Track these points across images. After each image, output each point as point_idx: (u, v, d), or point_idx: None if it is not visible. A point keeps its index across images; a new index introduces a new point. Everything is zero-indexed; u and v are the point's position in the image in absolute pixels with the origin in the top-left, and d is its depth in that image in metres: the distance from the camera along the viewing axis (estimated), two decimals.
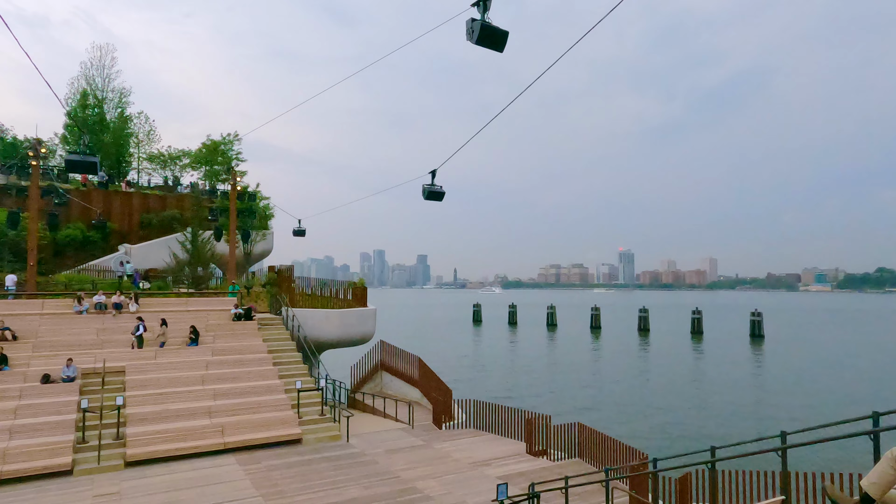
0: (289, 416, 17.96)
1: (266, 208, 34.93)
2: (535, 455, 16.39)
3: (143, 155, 45.25)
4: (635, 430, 27.22)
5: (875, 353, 57.95)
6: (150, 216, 36.11)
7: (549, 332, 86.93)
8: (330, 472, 14.77)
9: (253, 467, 15.15)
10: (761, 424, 27.98)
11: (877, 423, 5.66)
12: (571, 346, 66.31)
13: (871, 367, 47.45)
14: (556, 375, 43.73)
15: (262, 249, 38.27)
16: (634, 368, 47.39)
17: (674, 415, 30.52)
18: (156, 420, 16.61)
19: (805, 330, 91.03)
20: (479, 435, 18.93)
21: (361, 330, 26.47)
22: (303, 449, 16.92)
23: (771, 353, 58.68)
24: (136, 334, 20.05)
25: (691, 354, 58.03)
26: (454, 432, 19.36)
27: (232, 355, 20.61)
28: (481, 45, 5.71)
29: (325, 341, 25.87)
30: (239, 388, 18.81)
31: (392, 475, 14.64)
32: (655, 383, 40.06)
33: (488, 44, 5.71)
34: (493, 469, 15.25)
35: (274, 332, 23.37)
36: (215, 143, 41.06)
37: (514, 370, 46.58)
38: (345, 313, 25.94)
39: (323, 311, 25.72)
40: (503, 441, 18.05)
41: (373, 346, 27.09)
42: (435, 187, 10.76)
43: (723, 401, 33.99)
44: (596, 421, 28.11)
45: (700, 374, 44.22)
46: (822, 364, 49.52)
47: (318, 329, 25.36)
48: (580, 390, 37.44)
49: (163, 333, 20.38)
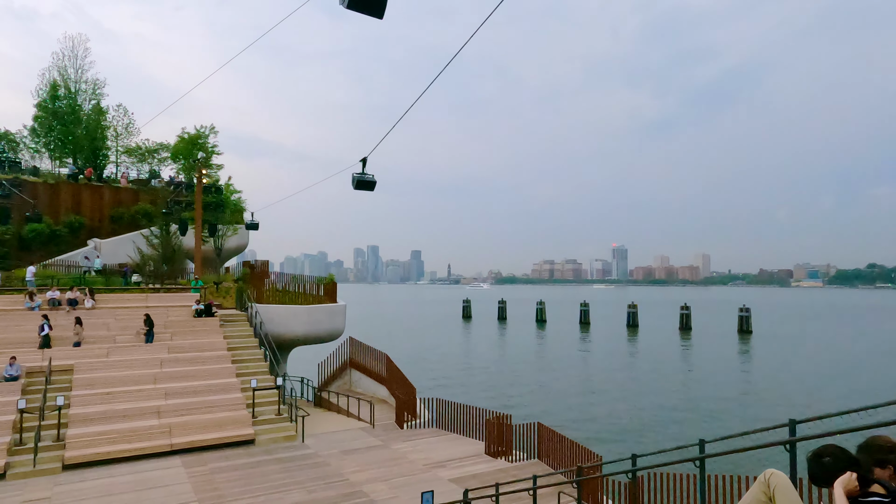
0: (243, 416, 17.36)
1: (238, 202, 34.22)
2: (493, 456, 15.86)
3: (121, 148, 44.49)
4: (603, 429, 26.72)
5: (858, 351, 57.78)
6: (122, 210, 35.33)
7: (539, 328, 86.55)
8: (276, 475, 14.20)
9: (197, 470, 14.55)
10: (717, 425, 27.44)
11: (793, 431, 5.14)
12: (558, 342, 65.90)
13: (850, 365, 47.19)
14: (539, 373, 43.27)
15: (237, 244, 37.57)
16: (616, 366, 46.98)
17: (642, 414, 30.08)
18: (100, 421, 15.96)
19: (793, 326, 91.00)
20: (440, 435, 18.39)
21: (330, 326, 25.85)
22: (255, 450, 16.34)
23: (755, 350, 58.44)
24: (42, 334, 18.82)
25: (676, 351, 57.69)
26: (415, 432, 18.81)
27: (189, 353, 19.96)
28: (354, 10, 5.10)
29: (292, 338, 25.26)
30: (193, 386, 18.19)
31: (341, 478, 14.08)
32: (632, 381, 39.64)
33: (363, 8, 5.12)
34: (447, 471, 14.71)
35: (237, 329, 22.74)
36: (193, 136, 40.26)
37: (497, 367, 46.10)
38: (312, 309, 25.31)
39: (290, 307, 25.08)
40: (465, 441, 17.51)
41: (341, 343, 26.48)
42: (365, 176, 10.14)
43: (697, 398, 33.60)
44: (567, 420, 27.68)
45: (680, 372, 43.85)
46: (806, 361, 49.27)
47: (284, 326, 24.73)
48: (558, 389, 36.98)
49: (77, 333, 19.28)
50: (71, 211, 34.44)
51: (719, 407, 31.05)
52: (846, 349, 58.04)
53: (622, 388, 36.44)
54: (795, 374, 41.84)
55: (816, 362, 47.85)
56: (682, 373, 42.94)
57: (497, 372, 43.31)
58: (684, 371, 43.86)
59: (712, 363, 47.48)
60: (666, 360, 49.20)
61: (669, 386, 37.28)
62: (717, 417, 28.74)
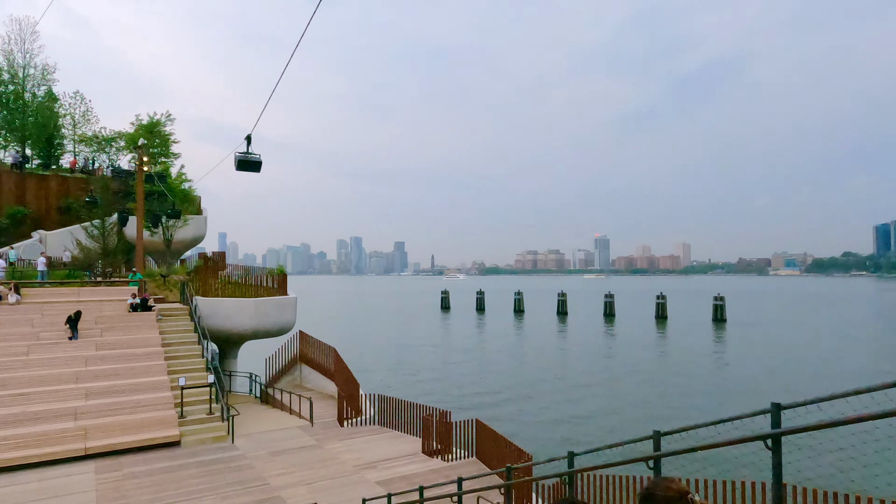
0: (169, 417, 16.39)
1: (189, 192, 32.90)
2: (430, 455, 15.10)
3: (78, 137, 42.87)
4: (550, 424, 26.13)
5: (828, 339, 58.13)
6: (70, 201, 33.87)
7: (516, 318, 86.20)
8: (193, 480, 13.30)
9: (110, 476, 13.59)
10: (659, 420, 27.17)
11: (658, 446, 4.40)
12: (533, 333, 65.49)
13: (817, 354, 47.33)
14: (509, 365, 42.69)
15: (192, 235, 36.28)
16: (589, 356, 46.59)
17: (594, 408, 29.62)
18: (9, 424, 14.89)
19: (767, 314, 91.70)
20: (381, 432, 17.60)
21: (280, 320, 24.87)
22: (178, 452, 15.40)
23: (725, 339, 58.53)
24: None
25: (649, 340, 57.51)
26: (355, 430, 18.00)
27: (118, 350, 18.90)
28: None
29: (239, 332, 24.25)
30: (118, 385, 17.17)
31: (262, 481, 13.23)
32: (600, 373, 39.24)
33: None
34: (377, 472, 13.92)
35: (176, 324, 21.69)
36: (149, 124, 38.84)
37: (468, 359, 45.44)
38: (261, 302, 24.30)
39: (237, 301, 24.04)
40: (404, 439, 16.74)
41: (291, 338, 25.54)
42: (250, 156, 9.19)
43: (655, 391, 33.25)
44: (522, 414, 27.04)
45: (649, 362, 43.57)
46: (776, 348, 49.31)
47: (231, 320, 23.72)
48: (524, 381, 36.40)
49: None
50: (15, 201, 32.93)
51: (677, 402, 30.70)
52: (811, 338, 58.35)
53: (587, 381, 35.97)
54: (758, 364, 41.74)
55: (780, 352, 47.89)
56: (649, 364, 42.64)
57: (467, 364, 42.64)
58: (653, 362, 43.58)
59: (682, 353, 47.30)
60: (636, 351, 48.94)
61: (632, 378, 36.91)
62: (666, 413, 28.37)
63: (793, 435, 3.36)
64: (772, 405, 3.55)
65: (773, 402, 3.53)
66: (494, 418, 24.94)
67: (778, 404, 3.53)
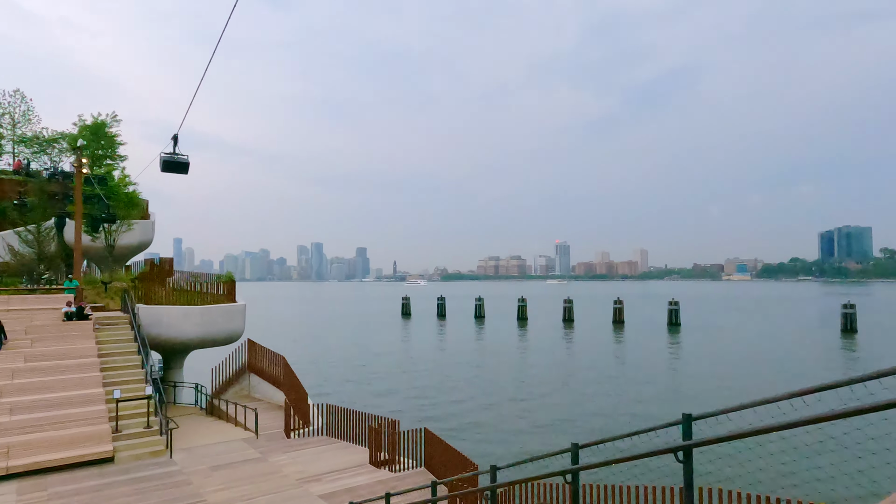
0: (102, 431, 15.55)
1: (134, 195, 31.61)
2: (377, 466, 14.74)
3: (17, 137, 40.83)
4: (502, 433, 26.09)
5: (773, 342, 60.14)
6: (4, 204, 32.10)
7: (477, 324, 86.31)
8: (124, 498, 12.60)
9: (33, 497, 12.75)
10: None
11: (576, 458, 4.25)
12: (494, 338, 65.63)
13: (762, 357, 48.86)
14: (470, 371, 42.54)
15: (139, 241, 34.94)
16: (546, 361, 46.89)
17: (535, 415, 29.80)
18: None
19: (720, 318, 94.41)
20: (329, 443, 17.13)
21: (228, 328, 24.09)
22: (110, 469, 14.60)
23: (680, 342, 59.90)
24: None
25: (606, 345, 58.34)
26: (302, 441, 17.48)
27: (50, 361, 17.88)
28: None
29: (185, 341, 23.38)
30: (48, 399, 16.21)
31: (198, 498, 12.63)
32: (553, 379, 39.52)
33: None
34: (321, 485, 13.48)
35: (115, 333, 20.71)
36: (93, 125, 37.28)
37: (426, 366, 45.10)
38: (207, 310, 23.49)
39: (182, 308, 23.17)
40: (353, 450, 16.32)
41: (239, 346, 24.77)
42: (177, 157, 8.77)
43: (607, 398, 33.67)
44: (475, 423, 26.88)
45: (604, 367, 44.14)
46: (725, 352, 50.67)
47: (176, 328, 22.84)
48: (481, 387, 36.32)
49: None
50: None
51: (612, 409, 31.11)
52: (758, 341, 60.28)
53: (542, 389, 36.13)
54: (708, 368, 42.78)
55: (729, 355, 49.24)
56: (606, 369, 43.17)
57: (425, 372, 42.29)
58: (608, 367, 44.15)
59: (639, 357, 48.13)
60: (592, 356, 49.52)
61: (586, 383, 37.27)
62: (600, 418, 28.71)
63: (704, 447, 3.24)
64: (683, 416, 3.43)
65: (685, 413, 3.42)
66: (451, 426, 24.73)
67: (689, 415, 3.42)
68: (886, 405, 2.30)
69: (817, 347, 52.88)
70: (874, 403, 2.33)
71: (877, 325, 73.42)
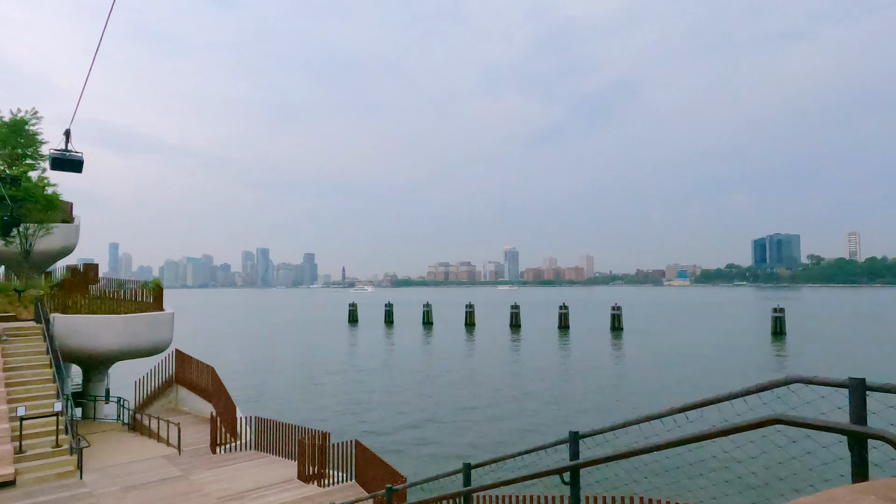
0: (3, 452, 14.29)
1: (53, 197, 29.73)
2: (306, 481, 14.14)
3: None
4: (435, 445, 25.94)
5: (708, 345, 62.43)
6: None
7: (425, 330, 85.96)
8: None
9: None
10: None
11: (468, 479, 3.97)
12: (441, 345, 65.39)
13: (695, 360, 50.59)
14: (414, 379, 42.08)
15: (61, 245, 32.81)
16: (489, 369, 46.98)
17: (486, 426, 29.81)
18: None
19: (659, 322, 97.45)
20: (257, 458, 16.37)
21: (154, 338, 22.82)
22: (11, 494, 13.41)
23: (624, 345, 61.33)
24: None
25: (550, 350, 59.07)
26: (230, 456, 16.65)
27: None
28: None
29: (105, 353, 21.97)
30: None
31: None
32: (494, 385, 39.62)
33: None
34: (245, 503, 12.79)
35: (25, 346, 19.22)
36: (14, 122, 34.93)
37: (368, 375, 44.36)
38: (131, 319, 22.18)
39: (102, 318, 21.79)
40: (281, 465, 15.63)
41: (165, 357, 23.54)
42: (69, 154, 8.07)
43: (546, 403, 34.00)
44: (419, 436, 26.53)
45: (546, 371, 44.61)
46: (662, 354, 52.16)
47: (95, 339, 21.45)
48: (425, 397, 35.97)
49: None
50: None
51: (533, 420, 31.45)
52: (694, 344, 62.44)
53: (488, 399, 36.10)
54: (643, 370, 43.90)
55: (665, 358, 50.74)
56: (546, 373, 43.61)
57: (368, 381, 41.56)
58: (550, 371, 44.62)
59: (581, 361, 48.90)
60: (538, 361, 49.98)
61: (530, 389, 37.52)
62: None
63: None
64: (570, 434, 3.21)
65: (572, 431, 3.20)
66: (389, 439, 24.25)
67: (576, 433, 3.20)
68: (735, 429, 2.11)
69: (748, 350, 55.16)
70: (736, 424, 2.14)
71: (804, 328, 77.46)
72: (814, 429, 2.26)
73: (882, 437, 2.14)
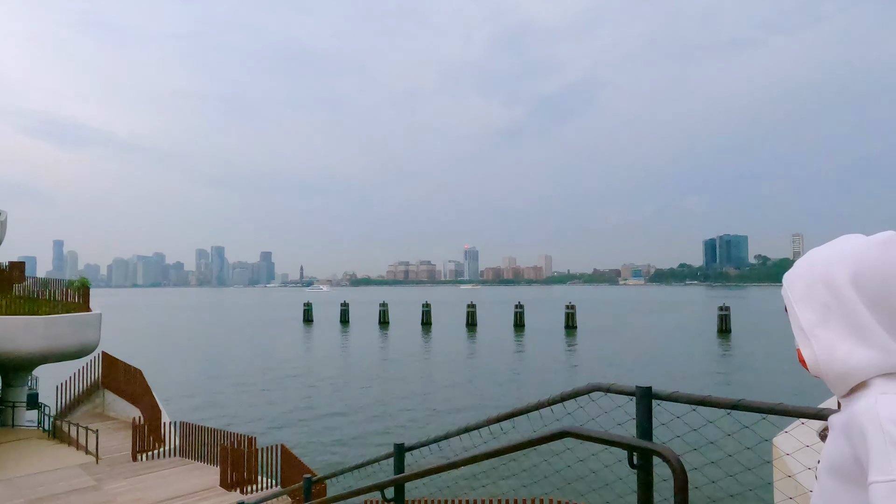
0: None
1: None
2: (229, 488, 13.58)
3: None
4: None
5: (653, 342, 64.00)
6: None
7: (381, 329, 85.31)
8: None
9: None
10: None
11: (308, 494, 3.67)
12: (396, 343, 64.92)
13: (643, 355, 51.74)
14: (366, 380, 41.51)
15: None
16: (443, 367, 46.84)
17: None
18: None
19: (612, 319, 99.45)
20: (181, 465, 15.67)
21: (79, 340, 21.64)
22: None
23: (578, 343, 62.19)
24: None
25: (505, 348, 59.37)
26: (151, 464, 15.89)
27: None
28: None
29: (25, 356, 20.71)
30: None
31: None
32: (447, 384, 39.51)
33: None
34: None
35: None
36: None
37: (319, 376, 43.55)
38: (53, 320, 20.98)
39: (21, 319, 20.52)
40: (205, 471, 14.99)
41: (90, 360, 22.43)
42: None
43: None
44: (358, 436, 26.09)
45: (501, 372, 44.78)
46: (611, 351, 53.10)
47: (13, 341, 20.16)
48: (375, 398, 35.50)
49: None
50: None
51: None
52: (639, 340, 63.88)
53: (455, 403, 35.90)
54: (590, 366, 44.59)
55: (614, 354, 51.71)
56: (500, 373, 43.76)
57: (320, 383, 40.78)
58: (506, 373, 44.80)
59: (536, 361, 49.30)
60: (491, 360, 50.12)
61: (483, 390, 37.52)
62: None
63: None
64: (395, 447, 2.96)
65: (396, 444, 2.95)
66: (328, 441, 23.75)
67: (401, 445, 2.95)
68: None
69: (693, 346, 56.75)
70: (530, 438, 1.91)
71: (748, 326, 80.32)
72: (599, 442, 2.08)
73: (659, 454, 1.96)
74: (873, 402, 0.98)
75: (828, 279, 1.08)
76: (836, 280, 1.06)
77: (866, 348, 1.02)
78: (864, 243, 1.08)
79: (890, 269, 1.03)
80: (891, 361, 1.01)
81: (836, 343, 1.05)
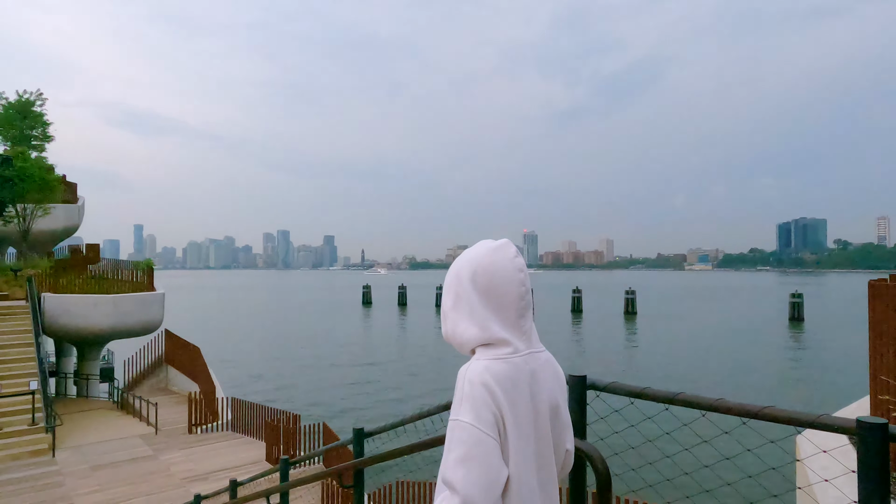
0: None
1: (52, 178, 29.82)
2: (273, 463, 14.00)
3: None
4: None
5: (719, 329, 61.29)
6: None
7: (437, 312, 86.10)
8: None
9: None
10: None
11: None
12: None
13: (706, 344, 49.65)
14: (419, 365, 42.04)
15: (63, 226, 33.11)
16: None
17: None
18: None
19: (676, 306, 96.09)
20: (232, 439, 16.31)
21: (143, 318, 22.88)
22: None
23: (637, 329, 60.57)
24: None
25: (564, 334, 58.56)
26: (204, 437, 16.62)
27: None
28: None
29: (95, 332, 22.09)
30: None
31: (65, 501, 11.72)
32: None
33: None
34: (206, 484, 12.66)
35: (13, 324, 19.40)
36: (21, 103, 35.26)
37: (377, 357, 44.43)
38: (120, 299, 22.23)
39: (91, 297, 21.87)
40: (253, 446, 15.54)
41: (155, 337, 23.65)
42: None
43: None
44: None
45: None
46: (673, 338, 51.32)
47: (84, 318, 21.55)
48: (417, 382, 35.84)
49: None
50: None
51: None
52: (704, 328, 61.32)
53: None
54: (660, 355, 43.23)
55: (675, 341, 49.90)
56: None
57: (375, 365, 41.62)
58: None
59: (593, 342, 48.40)
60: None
61: None
62: None
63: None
64: (354, 432, 2.83)
65: (356, 429, 2.81)
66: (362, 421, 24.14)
67: (361, 430, 2.81)
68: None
69: (764, 335, 54.01)
70: None
71: (823, 314, 75.63)
72: None
73: (585, 453, 1.71)
74: (468, 365, 1.36)
75: (459, 275, 1.44)
76: (463, 276, 1.43)
77: (474, 326, 1.40)
78: (483, 248, 1.44)
79: (495, 270, 1.39)
80: (485, 336, 1.38)
81: (458, 322, 1.43)
